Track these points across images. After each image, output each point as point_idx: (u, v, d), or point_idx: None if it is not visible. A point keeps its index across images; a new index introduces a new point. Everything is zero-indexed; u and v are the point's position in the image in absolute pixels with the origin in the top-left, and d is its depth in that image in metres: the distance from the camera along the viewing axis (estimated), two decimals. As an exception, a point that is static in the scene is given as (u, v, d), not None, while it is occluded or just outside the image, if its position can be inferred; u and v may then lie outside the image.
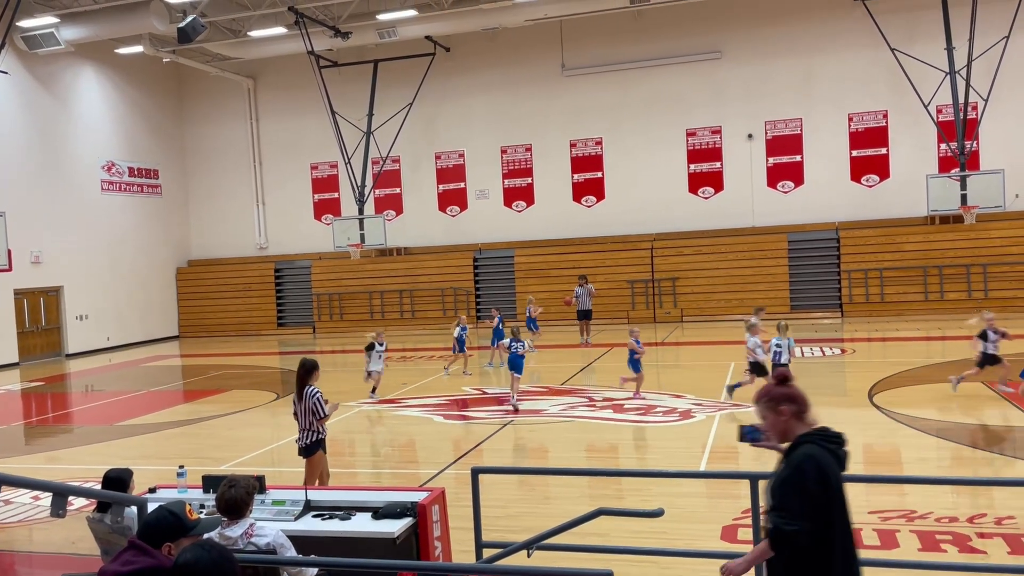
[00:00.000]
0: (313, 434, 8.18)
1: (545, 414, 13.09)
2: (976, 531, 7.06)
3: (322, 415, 8.14)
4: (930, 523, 7.29)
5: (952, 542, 6.89)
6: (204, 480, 6.10)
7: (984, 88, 22.93)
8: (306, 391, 8.12)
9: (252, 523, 4.58)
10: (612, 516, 5.23)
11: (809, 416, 3.57)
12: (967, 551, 6.72)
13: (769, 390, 3.65)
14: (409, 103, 28.11)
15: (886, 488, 8.20)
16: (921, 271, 23.76)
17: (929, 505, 7.66)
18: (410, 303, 28.37)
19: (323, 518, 5.60)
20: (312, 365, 8.23)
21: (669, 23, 26.15)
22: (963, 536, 6.99)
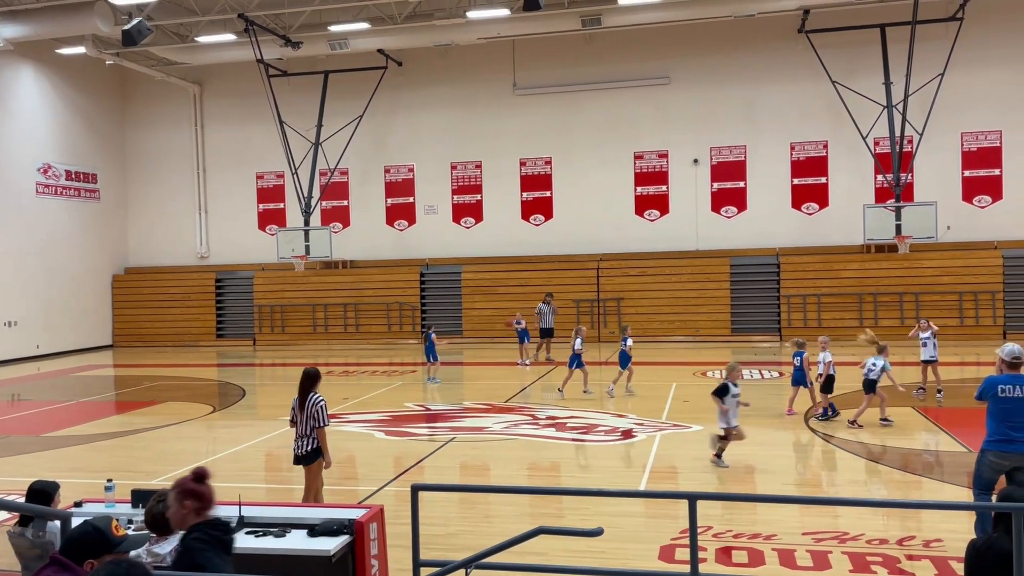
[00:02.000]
0: (313, 441, 8.16)
1: (488, 431, 13.05)
2: (905, 553, 7.23)
3: (323, 423, 8.14)
4: (861, 545, 7.45)
5: (882, 564, 7.05)
6: (133, 494, 5.91)
7: (919, 123, 23.79)
8: (310, 398, 8.16)
9: None
10: (552, 535, 5.21)
11: (209, 512, 3.90)
12: (896, 573, 6.88)
13: (182, 483, 3.95)
14: (359, 115, 27.95)
15: (820, 510, 8.36)
16: (857, 298, 24.43)
17: (860, 527, 7.83)
18: (355, 317, 28.07)
19: (257, 535, 5.47)
20: (316, 374, 8.38)
21: (620, 47, 26.56)
22: (893, 558, 7.16)
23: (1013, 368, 7.30)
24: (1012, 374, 7.27)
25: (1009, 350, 7.44)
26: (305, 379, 8.27)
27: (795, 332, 24.75)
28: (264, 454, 12.28)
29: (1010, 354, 7.40)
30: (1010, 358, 7.37)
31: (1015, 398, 7.12)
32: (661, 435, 12.42)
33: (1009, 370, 7.30)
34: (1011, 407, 7.12)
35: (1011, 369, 7.30)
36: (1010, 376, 7.25)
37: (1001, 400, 7.13)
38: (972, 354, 20.72)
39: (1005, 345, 7.54)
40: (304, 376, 8.29)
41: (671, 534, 7.76)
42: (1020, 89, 24.12)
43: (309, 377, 8.27)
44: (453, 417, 14.26)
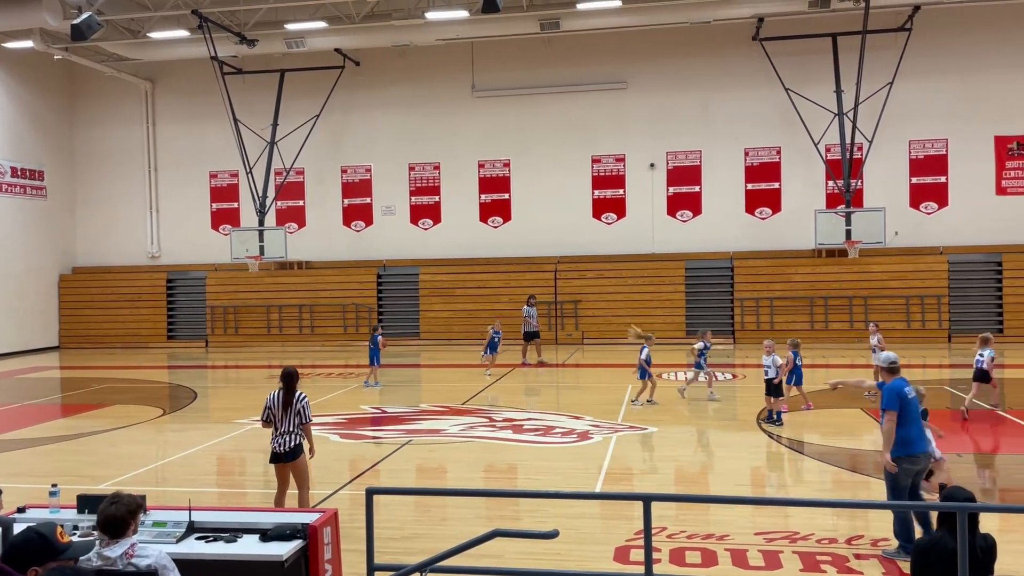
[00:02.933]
0: (297, 437, 8.25)
1: (444, 434, 13.00)
2: (853, 552, 7.38)
3: (307, 419, 8.29)
4: (811, 544, 7.58)
5: (831, 563, 7.18)
6: (79, 500, 5.75)
7: (869, 130, 24.34)
8: (296, 396, 8.28)
9: (133, 543, 4.38)
10: (507, 537, 5.21)
11: None
12: (845, 571, 7.01)
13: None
14: (316, 115, 27.67)
15: (771, 510, 8.49)
16: (808, 301, 24.90)
17: (811, 527, 7.97)
18: (310, 319, 27.76)
19: (207, 540, 5.36)
20: (295, 373, 8.49)
21: (578, 51, 26.72)
22: (842, 557, 7.30)
23: (895, 373, 7.57)
24: (901, 378, 7.53)
25: (885, 356, 7.71)
26: (289, 378, 8.39)
27: (748, 335, 25.18)
28: (216, 457, 12.07)
29: (887, 360, 7.68)
30: (888, 364, 7.65)
31: (913, 399, 7.41)
32: (617, 436, 12.50)
33: (893, 376, 7.55)
34: (913, 408, 7.39)
35: (894, 374, 7.57)
36: (902, 379, 7.51)
37: (908, 403, 7.35)
38: (919, 357, 21.26)
39: (881, 353, 7.81)
40: (289, 375, 8.41)
41: (626, 535, 7.82)
42: (966, 98, 24.83)
43: (294, 376, 8.43)
44: (410, 420, 14.18)
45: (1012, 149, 24.85)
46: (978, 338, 14.15)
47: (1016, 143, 24.80)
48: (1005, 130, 24.78)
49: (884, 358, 7.72)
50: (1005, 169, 24.92)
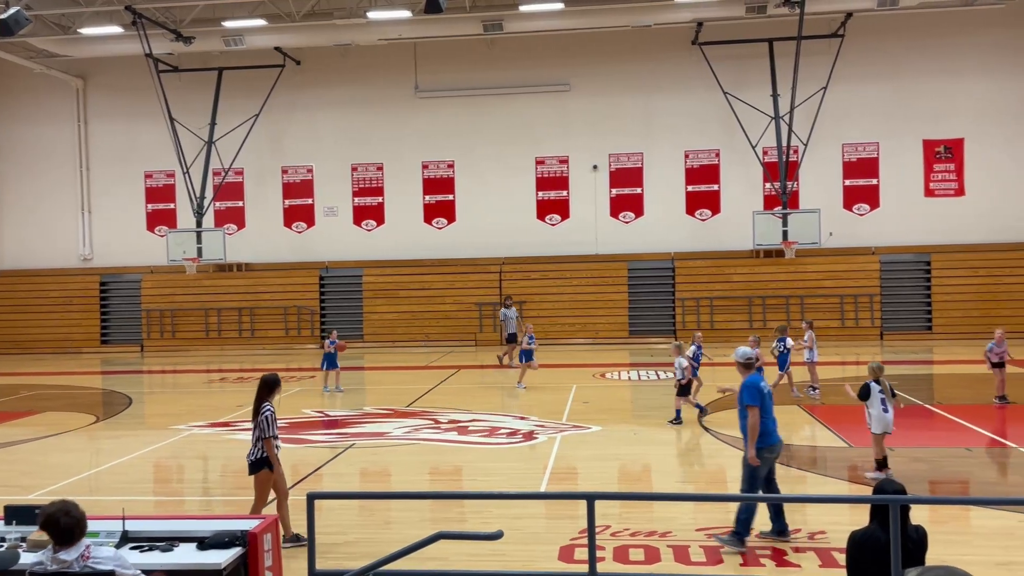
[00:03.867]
0: (259, 451, 7.84)
1: (389, 437, 12.89)
2: (791, 546, 7.54)
3: (267, 434, 7.79)
4: (751, 539, 7.72)
5: (770, 557, 7.33)
6: (7, 511, 5.54)
7: (804, 133, 24.96)
8: (262, 407, 7.89)
9: (88, 545, 4.42)
10: (452, 540, 5.18)
11: None
12: (784, 565, 7.16)
13: None
14: (255, 114, 27.19)
15: (712, 506, 8.63)
16: (747, 301, 25.41)
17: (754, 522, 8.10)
18: (250, 322, 27.26)
19: (142, 550, 5.22)
20: (273, 381, 8.03)
21: (521, 53, 26.80)
22: (780, 551, 7.45)
23: (750, 368, 7.72)
24: (756, 374, 7.69)
25: (742, 352, 7.82)
26: (259, 386, 8.03)
27: (690, 334, 25.54)
28: (152, 465, 11.76)
29: (745, 356, 7.79)
30: (745, 359, 7.77)
31: (769, 393, 7.63)
32: (562, 436, 12.56)
33: (748, 371, 7.70)
34: (769, 402, 7.60)
35: (750, 370, 7.71)
36: (759, 375, 7.69)
37: (767, 398, 7.57)
38: (852, 354, 21.87)
39: (739, 348, 7.92)
40: (261, 383, 8.04)
41: (571, 534, 7.85)
42: (895, 103, 25.64)
43: (264, 384, 8.01)
44: (353, 423, 14.02)
45: (939, 152, 25.76)
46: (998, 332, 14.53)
47: (943, 147, 25.72)
48: (933, 134, 25.67)
49: (740, 354, 7.80)
50: (933, 172, 25.82)
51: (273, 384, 7.97)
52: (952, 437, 12.13)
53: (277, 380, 8.03)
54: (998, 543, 7.50)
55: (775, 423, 7.66)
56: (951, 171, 25.74)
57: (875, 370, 10.24)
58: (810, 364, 15.71)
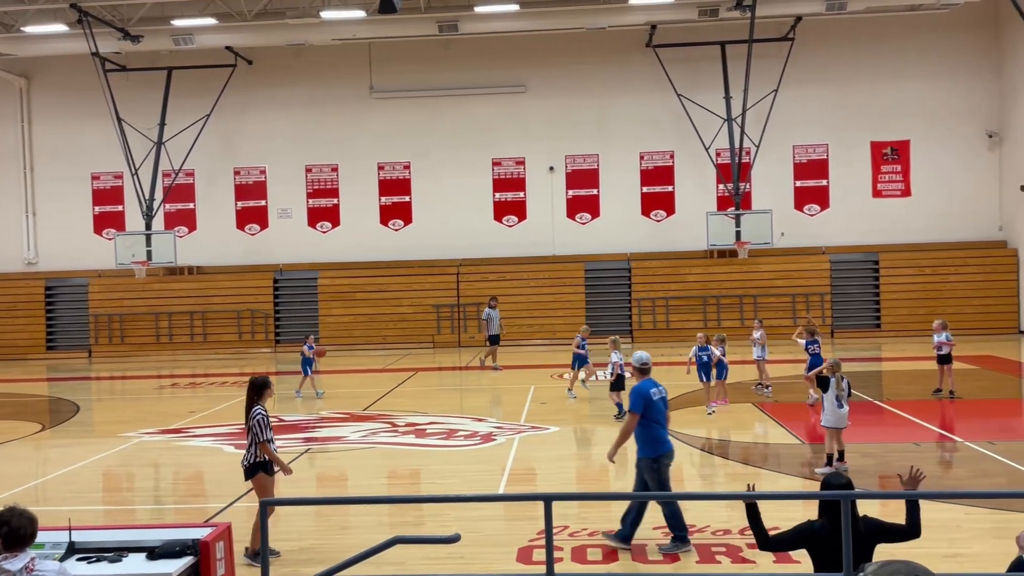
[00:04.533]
0: (253, 456, 7.61)
1: (345, 441, 12.77)
2: (747, 542, 7.63)
3: (261, 438, 7.56)
4: (707, 536, 7.81)
5: (726, 554, 7.42)
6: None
7: (756, 135, 25.35)
8: (252, 410, 7.66)
9: (33, 557, 4.27)
10: (409, 544, 5.13)
11: None
12: (739, 561, 7.25)
13: None
14: (206, 114, 26.72)
15: (669, 504, 8.69)
16: (701, 300, 25.71)
17: (706, 519, 8.21)
18: (202, 326, 26.77)
19: (89, 561, 5.08)
20: (262, 383, 7.83)
21: (477, 54, 26.77)
22: (735, 548, 7.54)
23: (645, 373, 7.78)
24: (649, 379, 7.74)
25: (639, 357, 7.86)
26: (248, 388, 7.83)
27: (646, 334, 25.80)
28: (101, 474, 11.48)
29: (640, 360, 7.83)
30: (640, 364, 7.82)
31: (659, 400, 7.61)
32: (520, 438, 12.56)
33: (643, 376, 7.77)
34: (659, 410, 7.58)
35: (644, 375, 7.78)
36: (649, 381, 7.71)
37: (654, 404, 7.53)
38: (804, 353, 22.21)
39: (635, 352, 7.97)
40: (249, 385, 7.84)
41: (529, 535, 7.86)
42: (844, 105, 26.17)
43: (252, 386, 7.80)
44: (309, 427, 13.85)
45: (886, 154, 26.37)
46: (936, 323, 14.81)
47: (890, 148, 26.34)
48: (880, 136, 26.26)
49: (636, 358, 7.85)
50: (880, 173, 26.43)
51: (262, 386, 7.79)
52: (900, 432, 12.41)
53: (267, 382, 7.86)
54: (945, 535, 7.69)
55: (665, 430, 7.65)
56: (897, 172, 26.37)
57: (834, 366, 10.43)
58: (760, 362, 15.91)
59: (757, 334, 16.01)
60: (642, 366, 7.83)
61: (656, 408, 7.57)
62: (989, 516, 8.13)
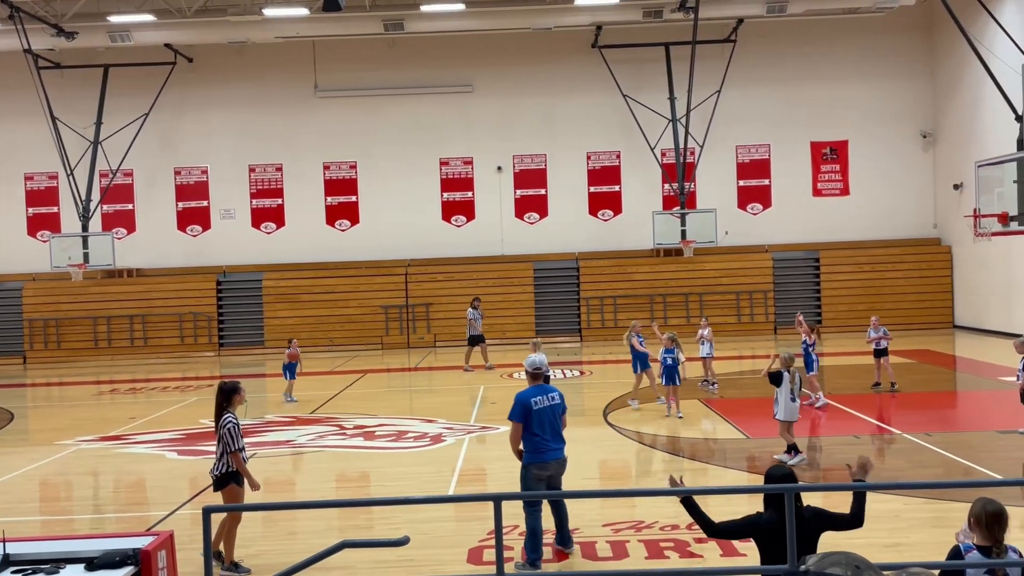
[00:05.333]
0: (224, 465, 7.35)
1: (292, 445, 12.58)
2: (694, 537, 7.74)
3: (232, 448, 7.31)
4: (655, 532, 7.89)
5: (674, 548, 7.50)
6: None
7: (700, 135, 25.73)
8: (222, 418, 7.38)
9: None
10: (358, 548, 5.08)
11: None
12: (687, 556, 7.35)
13: None
14: (145, 113, 26.06)
15: (618, 501, 8.77)
16: (648, 299, 26.00)
17: (655, 515, 8.30)
18: (143, 330, 26.11)
19: (25, 574, 4.90)
20: (231, 388, 7.54)
21: (423, 54, 26.62)
22: (683, 542, 7.64)
23: (536, 379, 7.50)
24: (538, 385, 7.46)
25: (531, 361, 7.52)
26: (217, 394, 7.55)
27: (594, 332, 25.99)
28: (38, 483, 11.11)
29: (532, 364, 7.50)
30: (532, 369, 7.49)
31: (546, 407, 7.27)
32: (470, 438, 12.54)
33: (534, 381, 7.49)
34: (544, 417, 7.25)
35: (535, 380, 7.50)
36: (537, 388, 7.41)
37: (536, 412, 7.23)
38: (748, 348, 22.69)
39: (529, 356, 7.64)
40: (218, 391, 7.57)
41: (480, 535, 7.84)
42: (785, 106, 26.72)
43: (221, 392, 7.54)
44: (255, 432, 13.60)
45: (826, 154, 27.01)
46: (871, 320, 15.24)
47: (829, 148, 26.98)
48: (820, 136, 26.88)
49: (528, 362, 7.52)
50: (820, 173, 27.05)
51: (231, 392, 7.52)
52: (841, 426, 12.72)
53: (237, 387, 7.59)
54: (885, 526, 7.90)
55: (553, 440, 7.28)
56: (837, 171, 27.03)
57: (787, 360, 10.64)
58: (707, 359, 16.12)
59: (704, 331, 16.24)
60: (534, 371, 7.48)
61: (538, 417, 7.21)
62: (927, 506, 8.38)
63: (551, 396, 7.38)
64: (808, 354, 13.97)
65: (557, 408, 7.40)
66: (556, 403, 7.39)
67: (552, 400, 7.36)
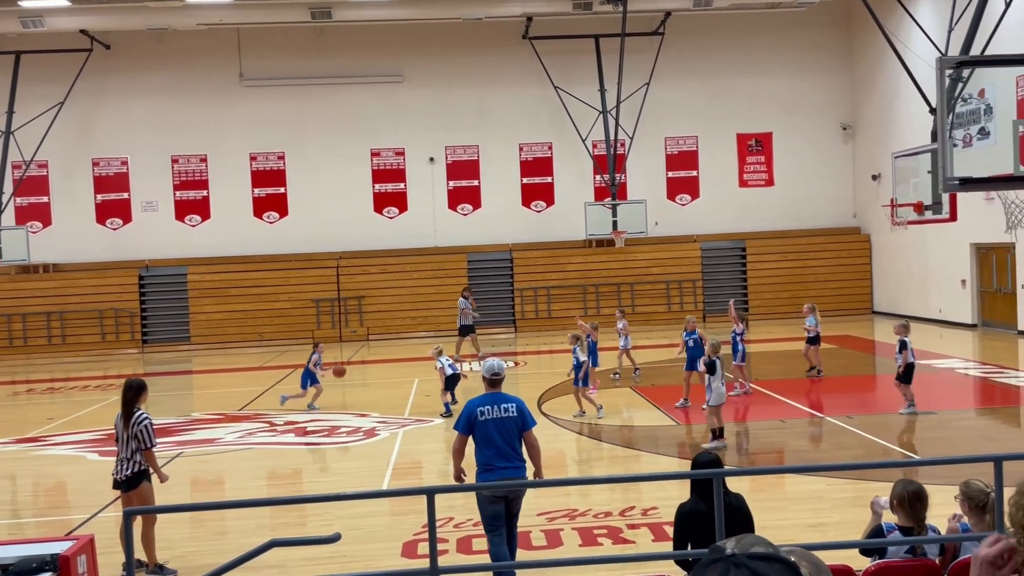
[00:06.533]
0: (136, 464, 7.10)
1: (220, 443, 12.28)
2: (627, 523, 7.85)
3: (148, 445, 7.10)
4: (589, 520, 7.97)
5: (607, 535, 7.59)
6: None
7: (630, 127, 26.02)
8: (134, 416, 7.12)
9: None
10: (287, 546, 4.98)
11: None
12: (620, 542, 7.45)
13: None
14: (60, 102, 25.00)
15: (551, 490, 8.82)
16: (581, 289, 26.23)
17: (588, 503, 8.38)
18: (60, 327, 25.13)
19: (-69, 587, 4.66)
20: (140, 386, 7.31)
21: (351, 43, 26.21)
22: (616, 529, 7.74)
23: (494, 386, 6.62)
24: (491, 393, 6.59)
25: (488, 366, 6.71)
26: (127, 392, 7.28)
27: (529, 324, 26.10)
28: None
29: (489, 370, 6.66)
30: (490, 374, 6.64)
31: (494, 419, 6.42)
32: (404, 431, 12.45)
33: (490, 388, 6.61)
34: (490, 430, 6.40)
35: (492, 387, 6.62)
36: (489, 396, 6.55)
37: (481, 424, 6.42)
38: (677, 337, 23.03)
39: (486, 360, 6.90)
40: (127, 388, 7.30)
41: (414, 529, 7.79)
42: (712, 99, 27.21)
43: (132, 389, 7.28)
44: (180, 430, 13.24)
45: (751, 146, 27.65)
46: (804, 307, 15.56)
47: (754, 140, 27.62)
48: (745, 128, 27.50)
49: (485, 367, 6.74)
50: (746, 164, 27.68)
51: (140, 389, 7.34)
52: (768, 411, 13.06)
53: (144, 384, 7.43)
54: (809, 506, 8.15)
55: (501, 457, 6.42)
56: (762, 163, 27.70)
57: (715, 347, 10.87)
58: (623, 351, 16.07)
59: (620, 324, 16.27)
60: (492, 377, 6.60)
61: (483, 430, 6.39)
62: (849, 486, 8.67)
63: (504, 407, 6.47)
64: (736, 343, 14.26)
65: (509, 422, 6.45)
66: (510, 416, 6.46)
67: (505, 412, 6.45)
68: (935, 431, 11.22)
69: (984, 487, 4.86)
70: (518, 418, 6.51)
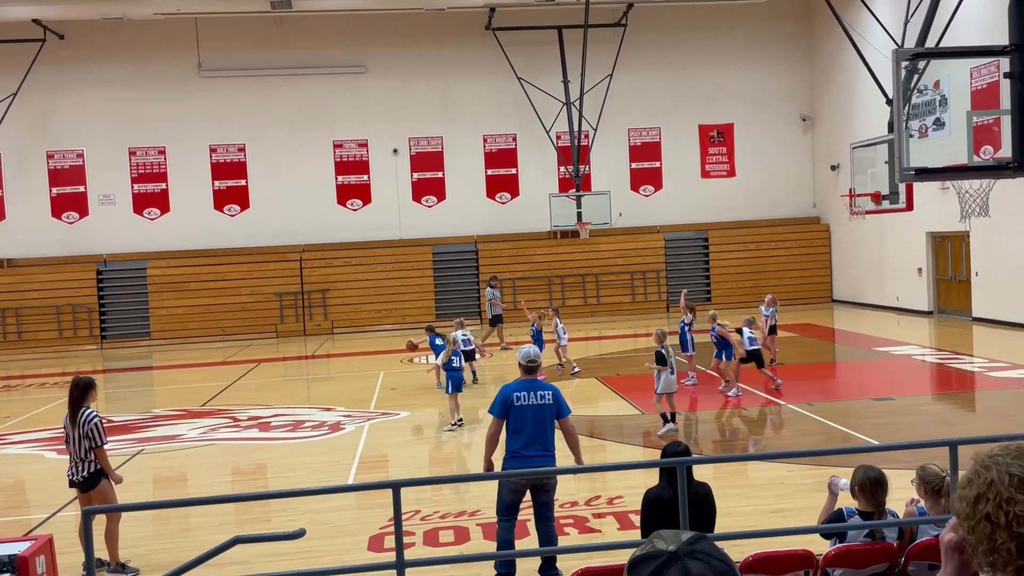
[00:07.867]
0: (92, 464, 6.92)
1: (182, 439, 12.12)
2: (593, 512, 7.90)
3: (100, 443, 6.91)
4: (556, 510, 7.99)
5: (573, 525, 7.64)
6: None
7: (594, 119, 26.10)
8: (81, 413, 6.91)
9: None
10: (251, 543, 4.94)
11: None
12: (586, 531, 7.50)
13: None
14: (12, 94, 24.37)
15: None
16: (547, 280, 26.30)
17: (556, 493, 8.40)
18: (15, 323, 24.57)
19: None
20: (87, 383, 7.07)
21: (313, 33, 25.90)
22: (582, 518, 7.79)
23: (530, 372, 6.65)
24: (527, 379, 6.61)
25: (524, 353, 6.72)
26: (73, 390, 7.04)
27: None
28: None
29: (525, 357, 6.66)
30: (526, 361, 6.64)
31: (531, 406, 6.45)
32: (370, 425, 12.39)
33: (527, 375, 6.65)
34: (526, 416, 6.44)
35: (529, 374, 6.65)
36: (525, 382, 6.58)
37: (518, 409, 6.44)
38: (642, 327, 23.25)
39: (522, 348, 6.91)
40: (74, 386, 7.06)
41: (381, 523, 7.77)
42: (674, 90, 27.38)
43: (78, 387, 7.05)
44: (141, 427, 13.04)
45: (713, 137, 27.89)
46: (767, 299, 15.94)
47: (716, 131, 27.86)
48: (707, 120, 27.72)
49: (522, 354, 6.72)
50: (708, 155, 27.92)
51: (88, 387, 7.14)
52: (731, 399, 13.21)
53: (92, 382, 7.24)
54: (771, 492, 8.28)
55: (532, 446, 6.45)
56: (723, 154, 27.96)
57: (660, 336, 10.98)
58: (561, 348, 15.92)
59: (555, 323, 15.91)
60: (528, 363, 6.62)
61: (519, 415, 6.41)
62: (809, 472, 8.82)
63: (540, 394, 6.47)
64: (684, 334, 14.36)
65: (546, 409, 6.47)
66: (547, 403, 6.46)
67: (542, 399, 6.45)
68: (894, 416, 11.45)
69: (939, 471, 4.98)
70: (553, 405, 6.54)
